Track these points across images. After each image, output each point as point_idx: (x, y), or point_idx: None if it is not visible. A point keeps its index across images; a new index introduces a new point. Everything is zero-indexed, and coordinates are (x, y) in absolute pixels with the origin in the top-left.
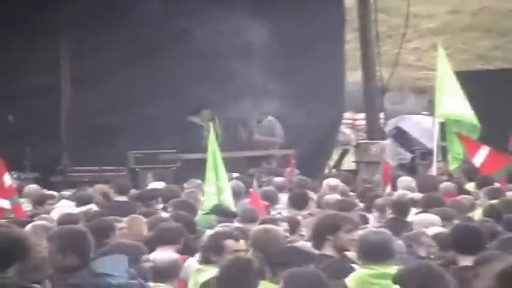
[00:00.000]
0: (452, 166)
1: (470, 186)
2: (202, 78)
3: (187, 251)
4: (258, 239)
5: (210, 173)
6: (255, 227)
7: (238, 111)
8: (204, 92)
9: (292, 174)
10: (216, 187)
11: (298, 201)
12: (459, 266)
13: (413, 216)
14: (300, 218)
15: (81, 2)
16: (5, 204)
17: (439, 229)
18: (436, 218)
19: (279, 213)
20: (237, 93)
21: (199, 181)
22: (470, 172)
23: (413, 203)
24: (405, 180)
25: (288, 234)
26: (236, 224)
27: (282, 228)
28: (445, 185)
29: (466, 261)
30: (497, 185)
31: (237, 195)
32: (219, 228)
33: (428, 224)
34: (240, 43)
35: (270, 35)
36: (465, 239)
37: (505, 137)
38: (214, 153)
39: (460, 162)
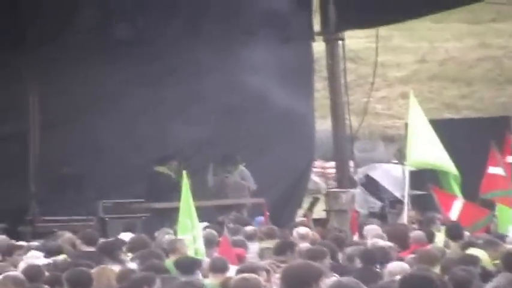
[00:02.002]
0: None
1: (439, 234)
2: (169, 125)
3: None
4: (238, 287)
5: (186, 221)
6: (235, 276)
7: (206, 160)
8: (171, 139)
9: (267, 223)
10: (192, 236)
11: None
12: None
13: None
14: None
15: (49, 48)
16: None
17: None
18: (407, 267)
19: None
20: (205, 141)
21: (170, 230)
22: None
23: (383, 251)
24: (372, 228)
25: (266, 284)
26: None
27: (262, 278)
28: (415, 233)
29: None
30: (467, 234)
31: (209, 244)
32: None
33: (400, 272)
34: (204, 89)
35: (239, 83)
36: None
37: (474, 185)
38: (188, 202)
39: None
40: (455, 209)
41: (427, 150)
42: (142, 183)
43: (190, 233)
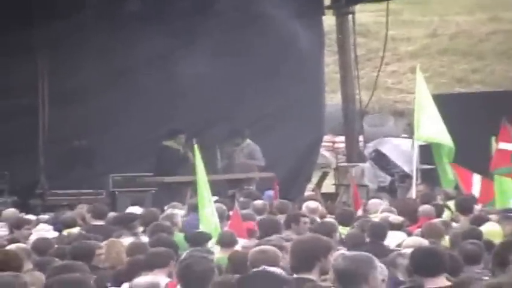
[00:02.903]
0: (447, 187)
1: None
2: (178, 101)
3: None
4: (256, 259)
5: (205, 194)
6: (253, 249)
7: (215, 135)
8: (181, 115)
9: (277, 198)
10: (211, 209)
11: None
12: None
13: (403, 239)
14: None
15: (58, 23)
16: None
17: None
18: (424, 242)
19: None
20: (215, 117)
21: (180, 204)
22: (450, 196)
23: (391, 226)
24: (376, 202)
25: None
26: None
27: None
28: (424, 207)
29: (430, 283)
30: (477, 208)
31: (219, 218)
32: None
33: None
34: (215, 65)
35: (248, 58)
36: (423, 262)
37: (484, 159)
38: (203, 176)
39: (453, 183)
40: (476, 185)
41: (433, 124)
42: (152, 157)
43: (209, 206)
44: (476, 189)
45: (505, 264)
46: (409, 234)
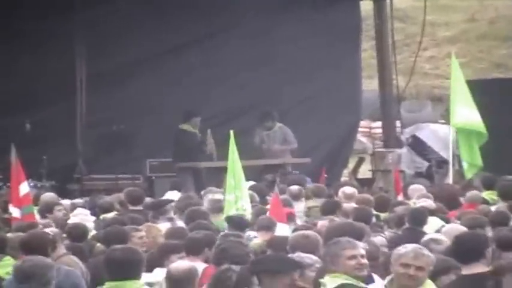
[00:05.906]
0: (468, 174)
1: (486, 194)
2: (214, 86)
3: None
4: (297, 244)
5: (230, 181)
6: (295, 233)
7: (250, 120)
8: (215, 100)
9: (323, 183)
10: (235, 195)
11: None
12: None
13: (439, 225)
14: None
15: (96, 8)
16: (16, 213)
17: None
18: (463, 229)
19: None
20: (250, 103)
21: (217, 189)
22: (489, 181)
23: (429, 212)
24: (417, 188)
25: None
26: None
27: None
28: (471, 193)
29: (471, 269)
30: None
31: (252, 203)
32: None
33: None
34: (251, 51)
35: (285, 43)
36: (465, 247)
37: None
38: (233, 161)
39: (475, 170)
40: None
41: (467, 111)
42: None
43: (233, 193)
44: None
45: None
46: (446, 220)
